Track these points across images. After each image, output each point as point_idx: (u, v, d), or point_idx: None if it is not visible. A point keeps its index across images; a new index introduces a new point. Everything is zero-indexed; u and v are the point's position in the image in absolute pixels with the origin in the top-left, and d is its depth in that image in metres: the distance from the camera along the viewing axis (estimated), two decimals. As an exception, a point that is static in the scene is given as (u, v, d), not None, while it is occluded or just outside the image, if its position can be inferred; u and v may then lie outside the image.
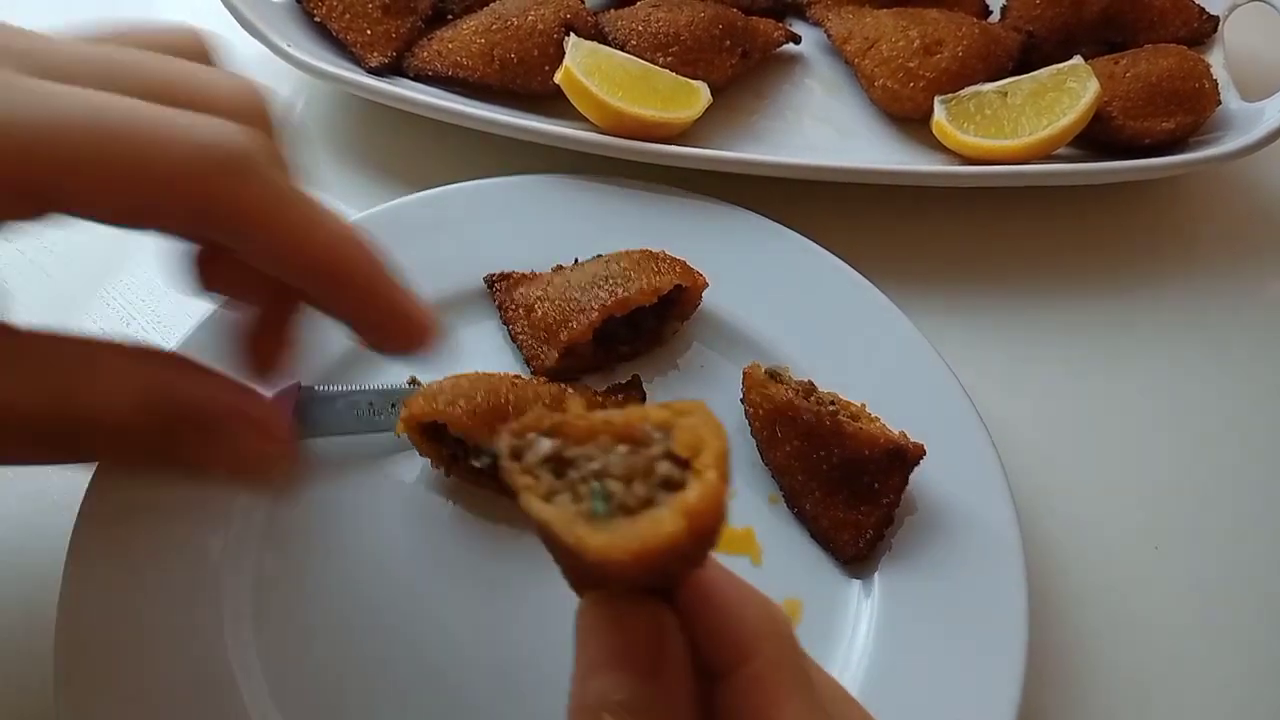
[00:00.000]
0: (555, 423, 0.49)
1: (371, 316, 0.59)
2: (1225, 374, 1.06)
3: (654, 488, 0.44)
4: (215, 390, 0.56)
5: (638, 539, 0.41)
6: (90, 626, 0.75)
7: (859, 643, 0.80)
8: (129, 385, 0.51)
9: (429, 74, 1.13)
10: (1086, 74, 1.11)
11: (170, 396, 0.53)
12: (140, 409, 0.51)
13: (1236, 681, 0.87)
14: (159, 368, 0.53)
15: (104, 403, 0.50)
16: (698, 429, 0.45)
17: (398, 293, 0.60)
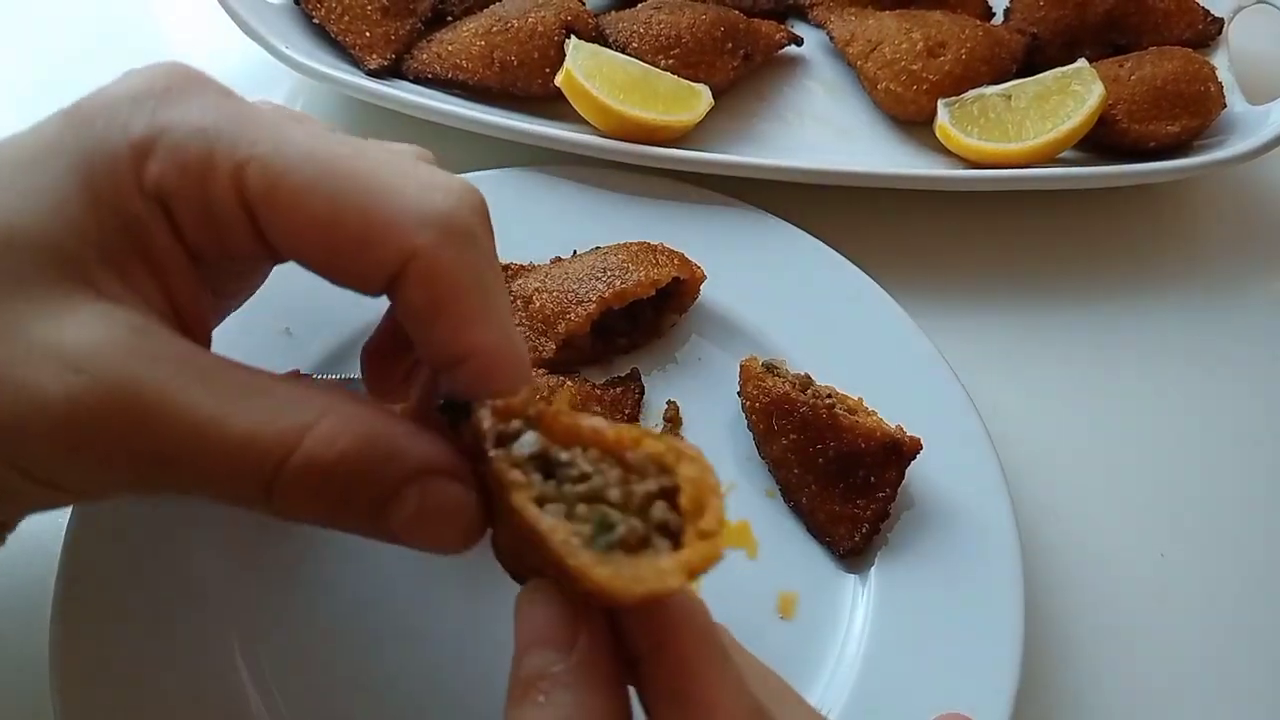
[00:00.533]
0: (541, 413, 0.50)
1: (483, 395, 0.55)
2: (1231, 377, 1.05)
3: (649, 526, 0.46)
4: (431, 443, 0.51)
5: (643, 585, 0.44)
6: (84, 643, 0.75)
7: (854, 637, 0.80)
8: (353, 430, 0.48)
9: (428, 76, 1.14)
10: (1091, 77, 1.11)
11: (392, 448, 0.49)
12: (356, 454, 0.48)
13: (1240, 686, 0.86)
14: (384, 420, 0.51)
15: (327, 444, 0.47)
16: (702, 489, 0.47)
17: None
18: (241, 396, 0.48)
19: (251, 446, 0.47)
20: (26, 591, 0.83)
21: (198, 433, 0.46)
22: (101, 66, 0.57)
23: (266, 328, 0.90)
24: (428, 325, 0.52)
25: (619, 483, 0.47)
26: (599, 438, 0.49)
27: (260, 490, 0.48)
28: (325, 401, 0.49)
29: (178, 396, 0.46)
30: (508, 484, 0.47)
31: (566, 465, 0.48)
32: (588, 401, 0.87)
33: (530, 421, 0.50)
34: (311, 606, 0.80)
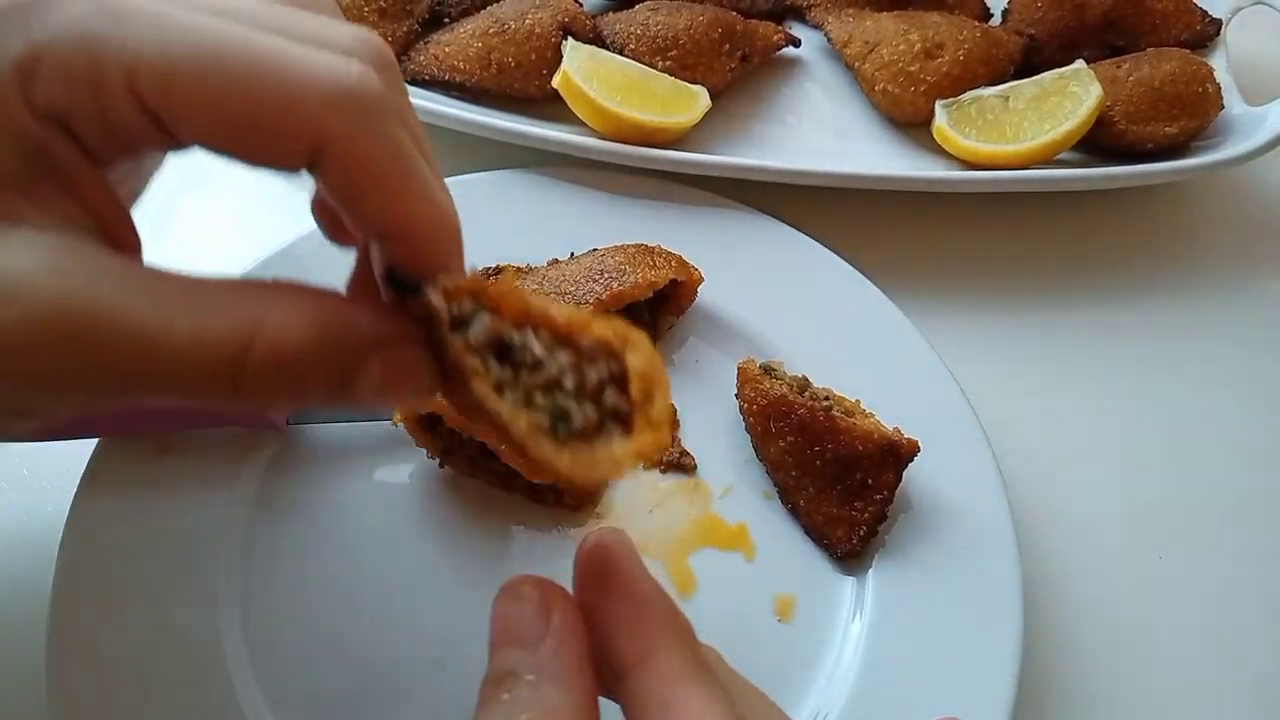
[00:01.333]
0: (489, 291, 0.51)
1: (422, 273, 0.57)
2: (1230, 378, 1.05)
3: (602, 412, 0.49)
4: (383, 318, 0.52)
5: (599, 470, 0.48)
6: (83, 630, 0.75)
7: (852, 639, 0.80)
8: (307, 315, 0.48)
9: (426, 78, 1.14)
10: (1089, 78, 1.11)
11: (349, 327, 0.50)
12: (317, 339, 0.48)
13: (1238, 687, 0.86)
14: (332, 301, 0.51)
15: (283, 334, 0.47)
16: (649, 379, 0.49)
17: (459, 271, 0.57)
18: (184, 299, 0.47)
19: (203, 346, 0.46)
20: (24, 585, 0.84)
21: (146, 343, 0.46)
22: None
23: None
24: (352, 205, 0.51)
25: (571, 368, 0.49)
26: (549, 320, 0.50)
27: (227, 387, 0.48)
28: (269, 292, 0.49)
29: (118, 311, 0.46)
30: (468, 372, 0.49)
31: (520, 349, 0.50)
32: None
33: (479, 300, 0.51)
34: (309, 596, 0.81)
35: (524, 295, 0.51)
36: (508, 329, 0.50)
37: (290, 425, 0.86)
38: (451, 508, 0.86)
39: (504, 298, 0.51)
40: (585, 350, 0.50)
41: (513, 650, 0.49)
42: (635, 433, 0.49)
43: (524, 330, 0.50)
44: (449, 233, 0.54)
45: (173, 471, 0.83)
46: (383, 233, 0.52)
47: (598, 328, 0.50)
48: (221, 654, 0.76)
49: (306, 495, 0.85)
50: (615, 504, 0.87)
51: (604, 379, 0.49)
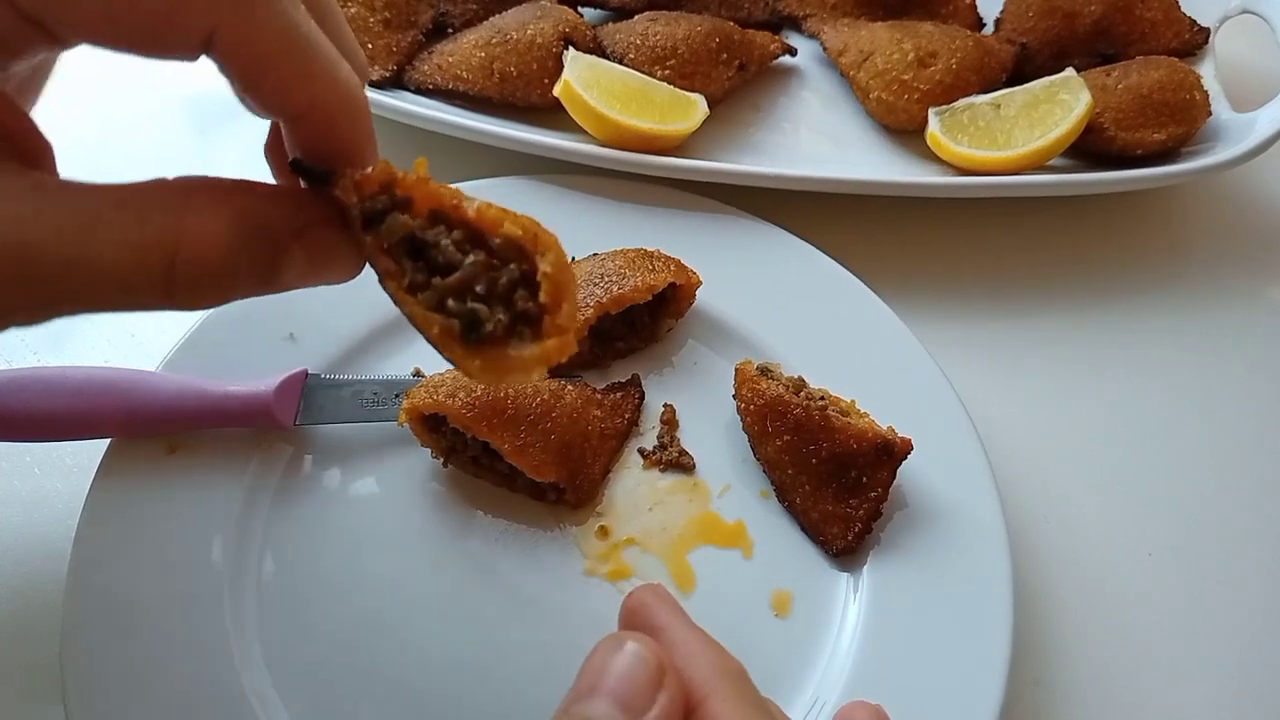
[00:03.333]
0: (400, 181, 0.52)
1: (333, 158, 0.55)
2: (1218, 380, 1.06)
3: (511, 315, 0.50)
4: (301, 205, 0.52)
5: (508, 375, 0.50)
6: (95, 626, 0.77)
7: (848, 634, 0.81)
8: (225, 216, 0.48)
9: (429, 87, 1.16)
10: (1079, 86, 1.12)
11: (267, 221, 0.50)
12: (239, 239, 0.48)
13: (1227, 685, 0.87)
14: (247, 196, 0.50)
15: (204, 238, 0.47)
16: (559, 285, 0.50)
17: (369, 160, 0.57)
18: (100, 215, 0.47)
19: (127, 262, 0.46)
20: (37, 582, 0.86)
21: (66, 265, 0.45)
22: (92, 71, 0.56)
23: (270, 334, 0.92)
24: (252, 90, 0.51)
25: (483, 270, 0.50)
26: (460, 214, 0.51)
27: (160, 296, 0.48)
28: (185, 195, 0.49)
29: (31, 238, 0.45)
30: (381, 272, 0.50)
31: (433, 245, 0.51)
32: (588, 405, 0.89)
33: (391, 193, 0.52)
34: (316, 593, 0.82)
35: (435, 186, 0.52)
36: (420, 227, 0.51)
37: (296, 425, 0.88)
38: (455, 506, 0.87)
39: (415, 188, 0.52)
40: (497, 249, 0.51)
41: (604, 703, 0.50)
42: (544, 337, 0.50)
43: (436, 228, 0.51)
44: (354, 112, 0.54)
45: (182, 470, 0.85)
46: (287, 114, 0.52)
47: (509, 225, 0.51)
48: (230, 647, 0.78)
49: (312, 494, 0.87)
50: (615, 502, 0.88)
51: (514, 280, 0.51)
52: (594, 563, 0.85)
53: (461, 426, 0.83)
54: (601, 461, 0.89)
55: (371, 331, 0.94)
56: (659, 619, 0.59)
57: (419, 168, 0.53)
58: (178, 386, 0.85)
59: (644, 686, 0.51)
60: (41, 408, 0.83)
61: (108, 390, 0.84)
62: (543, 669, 0.80)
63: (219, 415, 0.85)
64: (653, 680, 0.51)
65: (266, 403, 0.85)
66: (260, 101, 0.52)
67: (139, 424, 0.85)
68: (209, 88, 1.27)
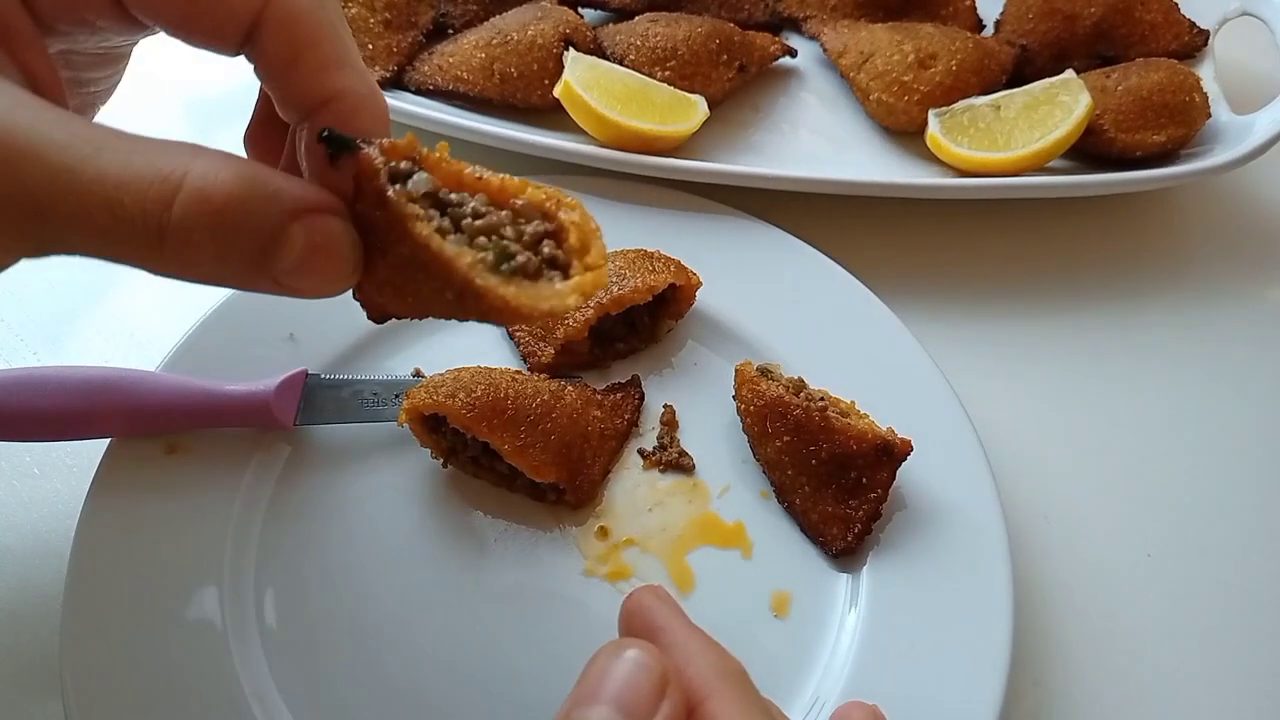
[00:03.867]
0: (425, 156, 0.53)
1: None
2: (1217, 381, 1.07)
3: (539, 262, 0.51)
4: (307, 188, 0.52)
5: (546, 303, 0.50)
6: (94, 626, 0.77)
7: (847, 634, 0.81)
8: (232, 168, 0.48)
9: (430, 88, 1.16)
10: (1079, 87, 1.13)
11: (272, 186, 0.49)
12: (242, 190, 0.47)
13: (1228, 686, 0.87)
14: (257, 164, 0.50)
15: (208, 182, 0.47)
16: (585, 231, 0.51)
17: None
18: (109, 140, 0.47)
19: (131, 185, 0.46)
20: (37, 582, 0.86)
21: (71, 172, 0.45)
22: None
23: (271, 334, 0.92)
24: (289, 71, 0.52)
25: (510, 222, 0.51)
26: (484, 184, 0.52)
27: (153, 236, 0.47)
28: (195, 147, 0.48)
29: (43, 139, 0.45)
30: (407, 216, 0.49)
31: (458, 205, 0.51)
32: (588, 406, 0.89)
33: (417, 163, 0.52)
34: (316, 593, 0.82)
35: (458, 164, 0.53)
36: (445, 188, 0.52)
37: (296, 425, 0.88)
38: (454, 507, 0.87)
39: (438, 162, 0.53)
40: (520, 210, 0.52)
41: (606, 709, 0.50)
42: (575, 275, 0.51)
43: (460, 192, 0.52)
44: (378, 102, 0.55)
45: (181, 471, 0.85)
46: (317, 99, 0.54)
47: (531, 190, 0.52)
48: (230, 649, 0.78)
49: (312, 495, 0.87)
50: (615, 503, 0.88)
51: (540, 233, 0.52)
52: (593, 563, 0.85)
53: (461, 427, 0.83)
54: (601, 462, 0.89)
55: (371, 332, 0.94)
56: (658, 620, 0.59)
57: (441, 150, 0.53)
58: (177, 386, 0.85)
59: (647, 694, 0.51)
60: (41, 407, 0.83)
61: (107, 390, 0.83)
62: (542, 669, 0.79)
63: (219, 415, 0.85)
64: (656, 688, 0.51)
65: (266, 403, 0.85)
66: (293, 85, 0.53)
67: (138, 424, 0.85)
68: (209, 88, 1.28)
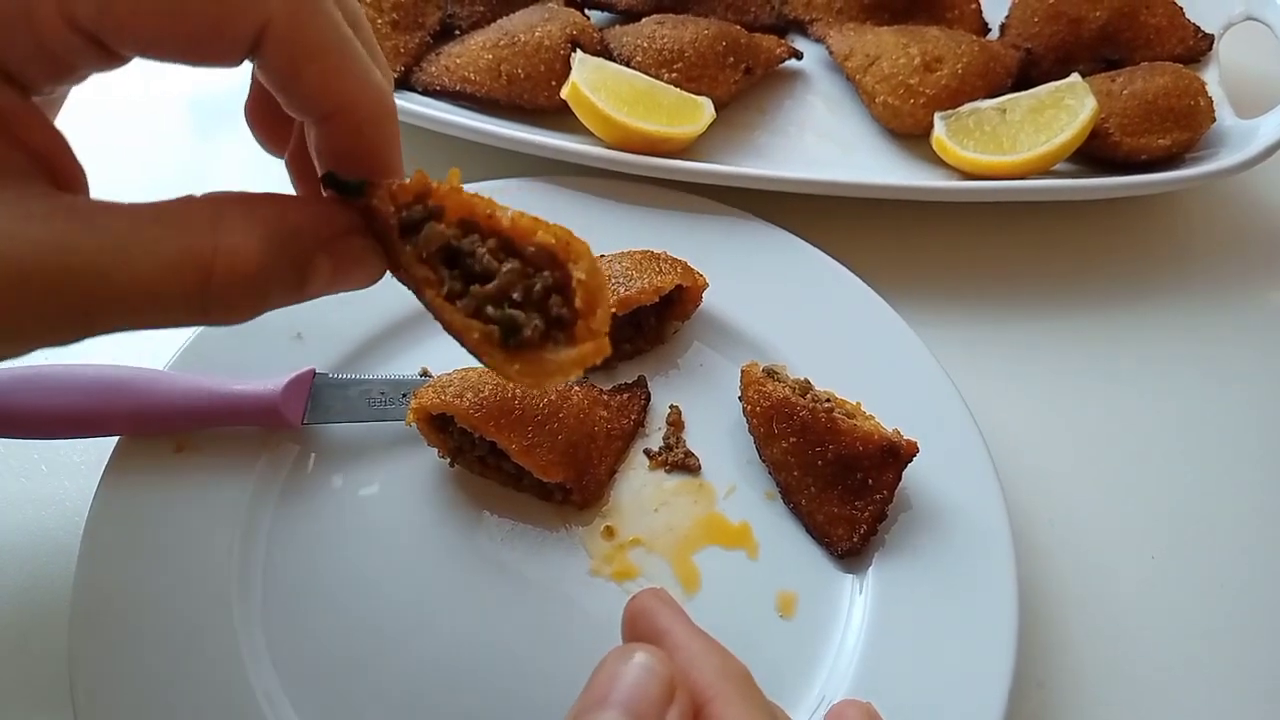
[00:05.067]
0: (435, 190, 0.53)
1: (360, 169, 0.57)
2: (1221, 384, 1.07)
3: (546, 320, 0.52)
4: (326, 216, 0.54)
5: (546, 378, 0.52)
6: (103, 624, 0.77)
7: (852, 635, 0.82)
8: (258, 231, 0.50)
9: (437, 89, 1.16)
10: (1084, 91, 1.13)
11: (297, 233, 0.52)
12: (271, 252, 0.50)
13: (1231, 688, 0.87)
14: (277, 209, 0.52)
15: (237, 254, 0.48)
16: (593, 291, 0.52)
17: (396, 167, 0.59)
18: (136, 232, 0.48)
19: (167, 279, 0.47)
20: (44, 579, 0.86)
21: (105, 279, 0.46)
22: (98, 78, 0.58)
23: (279, 333, 0.92)
24: (291, 86, 0.53)
25: (519, 278, 0.52)
26: (494, 223, 0.53)
27: (195, 309, 0.49)
28: (216, 210, 0.50)
29: (68, 254, 0.46)
30: (420, 281, 0.52)
31: (468, 254, 0.52)
32: (594, 406, 0.89)
33: (425, 203, 0.53)
34: (323, 591, 0.83)
35: (469, 196, 0.53)
36: (455, 236, 0.52)
37: (304, 425, 0.88)
38: (461, 506, 0.88)
39: (448, 197, 0.53)
40: (529, 257, 0.52)
41: (615, 713, 0.51)
42: (579, 341, 0.52)
43: (470, 236, 0.53)
44: (385, 113, 0.55)
45: (189, 469, 0.85)
46: (322, 111, 0.54)
47: (542, 234, 0.52)
48: (237, 646, 0.78)
49: (320, 493, 0.87)
50: (621, 503, 0.89)
51: (548, 287, 0.52)
52: (599, 563, 0.85)
53: (469, 427, 0.84)
54: (608, 462, 0.89)
55: (379, 331, 0.94)
56: (661, 622, 0.59)
57: (453, 178, 0.54)
58: (185, 385, 0.85)
59: (655, 699, 0.51)
60: (49, 406, 0.83)
61: (115, 389, 0.84)
62: (548, 668, 0.80)
63: (226, 414, 0.86)
64: (664, 691, 0.51)
65: (274, 402, 0.86)
66: (298, 96, 0.53)
67: (146, 422, 0.85)
68: (209, 88, 1.28)
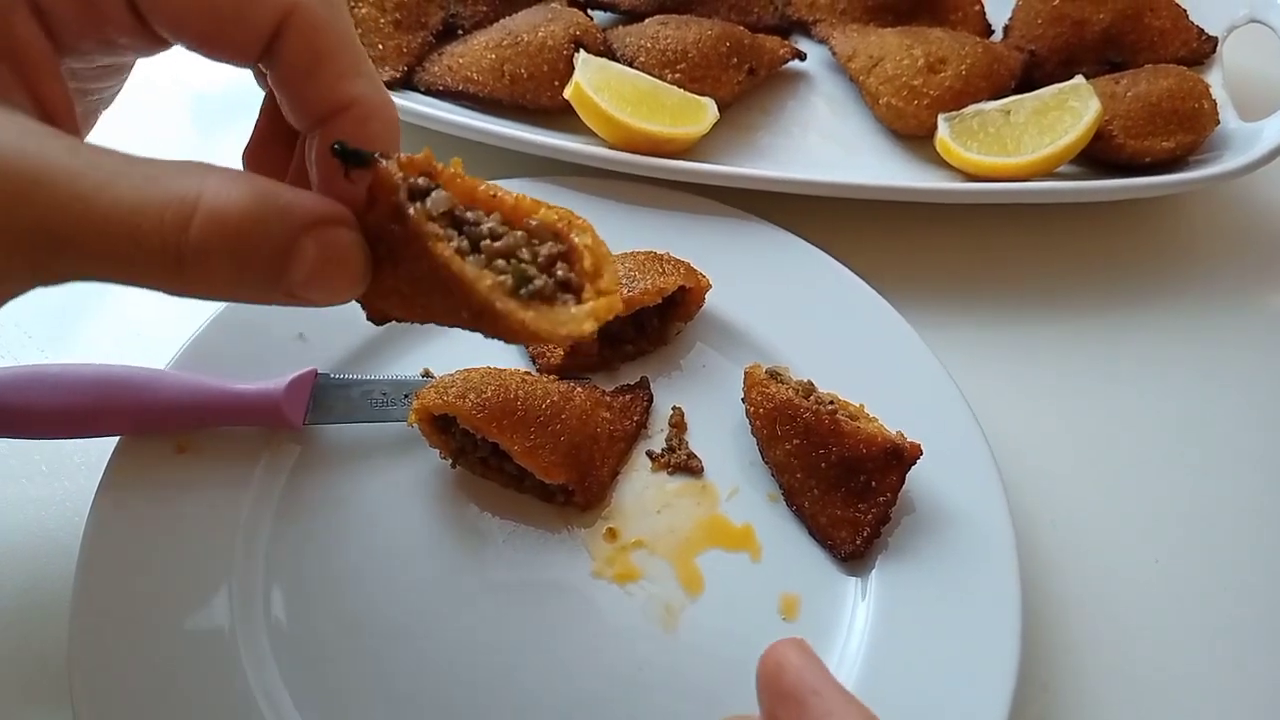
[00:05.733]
0: (441, 171, 0.54)
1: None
2: (1225, 387, 1.07)
3: (554, 286, 0.53)
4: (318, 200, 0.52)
5: (564, 328, 0.52)
6: (103, 625, 0.77)
7: (855, 638, 0.81)
8: (245, 187, 0.48)
9: (440, 88, 1.16)
10: (1088, 93, 1.13)
11: (285, 202, 0.50)
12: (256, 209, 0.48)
13: (1234, 691, 0.87)
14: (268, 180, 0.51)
15: (223, 201, 0.47)
16: (598, 255, 0.54)
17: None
18: (124, 168, 0.47)
19: (147, 210, 0.46)
20: (45, 580, 0.86)
21: (84, 201, 0.45)
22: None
23: (281, 333, 0.92)
24: (309, 77, 0.53)
25: (525, 243, 0.52)
26: (498, 203, 0.54)
27: (171, 259, 0.47)
28: (206, 167, 0.49)
29: (54, 168, 0.45)
30: (428, 235, 0.51)
31: (474, 224, 0.53)
32: (597, 407, 0.89)
33: (433, 178, 0.53)
34: (324, 592, 0.83)
35: (471, 179, 0.54)
36: (462, 206, 0.53)
37: (306, 425, 0.88)
38: (463, 507, 0.87)
39: (454, 179, 0.54)
40: (533, 230, 0.53)
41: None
42: (588, 299, 0.53)
43: (475, 210, 0.53)
44: (390, 113, 0.56)
45: (191, 469, 0.85)
46: (332, 108, 0.54)
47: (544, 211, 0.53)
48: (238, 646, 0.78)
49: (321, 494, 0.87)
50: (624, 505, 0.88)
51: (554, 255, 0.53)
52: (602, 565, 0.85)
53: (471, 428, 0.84)
54: (610, 464, 0.89)
55: (381, 332, 0.94)
56: (809, 682, 0.57)
57: (455, 165, 0.55)
58: (187, 385, 0.85)
59: None
60: (50, 406, 0.83)
61: (116, 388, 0.84)
62: (550, 669, 0.80)
63: (228, 414, 0.85)
64: None
65: (276, 402, 0.85)
66: (309, 94, 0.54)
67: (147, 422, 0.85)
68: (209, 88, 1.28)
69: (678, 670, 0.80)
